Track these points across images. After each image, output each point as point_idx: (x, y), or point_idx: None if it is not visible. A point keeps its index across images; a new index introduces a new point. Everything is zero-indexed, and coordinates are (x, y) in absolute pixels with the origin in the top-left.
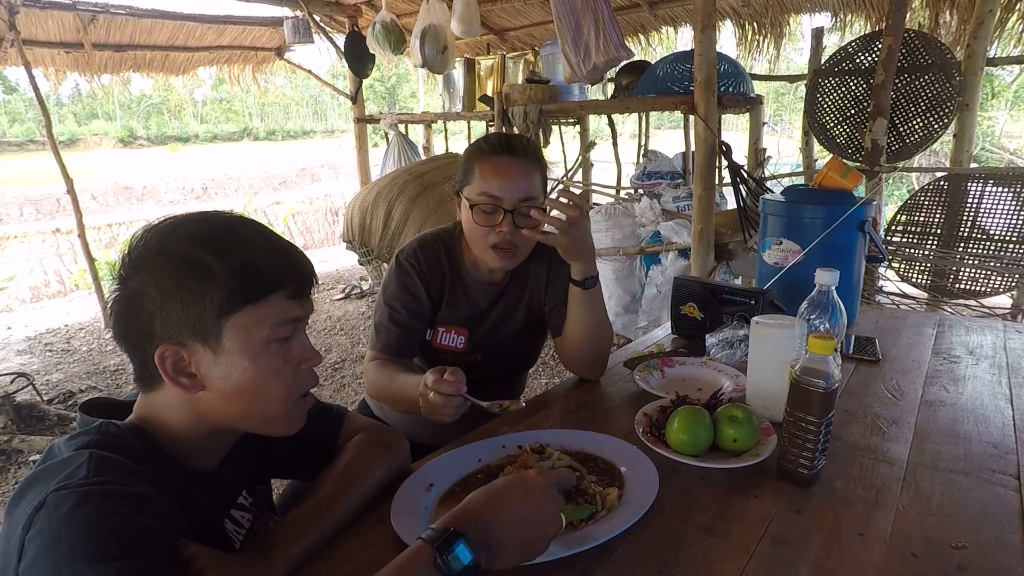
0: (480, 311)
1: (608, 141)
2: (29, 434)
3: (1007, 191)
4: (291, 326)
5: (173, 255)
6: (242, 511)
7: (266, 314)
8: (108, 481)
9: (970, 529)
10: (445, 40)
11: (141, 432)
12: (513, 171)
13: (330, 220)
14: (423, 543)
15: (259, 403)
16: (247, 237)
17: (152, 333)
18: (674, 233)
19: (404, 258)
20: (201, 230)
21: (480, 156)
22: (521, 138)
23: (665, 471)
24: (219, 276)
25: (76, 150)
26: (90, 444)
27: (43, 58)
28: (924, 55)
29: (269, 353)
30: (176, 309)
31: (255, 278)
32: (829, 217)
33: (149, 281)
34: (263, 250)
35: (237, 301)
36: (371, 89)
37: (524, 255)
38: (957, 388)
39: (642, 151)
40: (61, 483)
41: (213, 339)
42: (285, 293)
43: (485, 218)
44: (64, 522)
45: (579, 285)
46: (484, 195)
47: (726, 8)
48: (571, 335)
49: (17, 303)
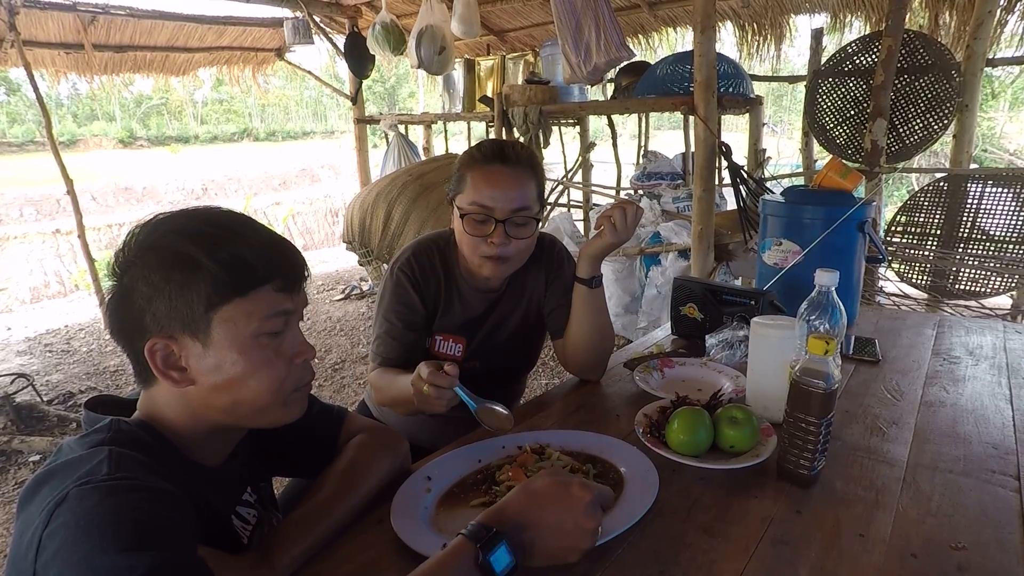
0: (477, 317)
1: (608, 142)
2: (29, 435)
3: (1007, 192)
4: (281, 319)
5: (161, 249)
6: (248, 507)
7: (255, 307)
8: (131, 476)
9: (970, 530)
10: (443, 41)
11: (149, 428)
12: (506, 181)
13: (330, 221)
14: (465, 541)
15: (248, 396)
16: (235, 229)
17: (143, 327)
18: (674, 234)
19: (398, 269)
20: (188, 224)
21: (472, 164)
22: (516, 145)
23: (665, 471)
24: (206, 268)
25: (76, 151)
26: (105, 441)
27: (43, 59)
28: (924, 56)
29: (259, 346)
30: (164, 303)
31: (242, 270)
32: (829, 218)
33: (139, 276)
34: (250, 242)
35: (225, 293)
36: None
37: (518, 264)
38: (957, 389)
39: (642, 152)
40: (83, 478)
41: (202, 332)
42: (274, 286)
43: (476, 228)
44: (91, 514)
45: (586, 284)
46: (475, 205)
47: (726, 9)
48: (574, 336)
49: (17, 304)
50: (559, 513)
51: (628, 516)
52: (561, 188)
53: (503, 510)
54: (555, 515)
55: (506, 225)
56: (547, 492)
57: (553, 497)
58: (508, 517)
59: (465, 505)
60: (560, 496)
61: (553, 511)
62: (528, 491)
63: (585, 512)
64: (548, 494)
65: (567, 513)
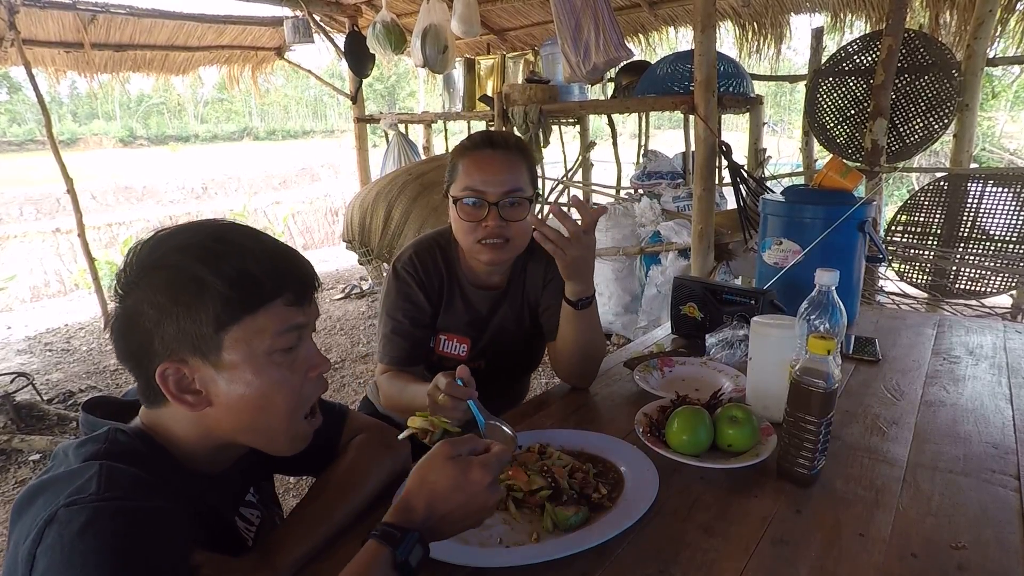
0: (481, 317)
1: (608, 141)
2: (29, 434)
3: (1007, 191)
4: (294, 334)
5: (165, 269)
6: (251, 508)
7: (266, 323)
8: (119, 496)
9: (970, 529)
10: (445, 40)
11: (148, 439)
12: (495, 164)
13: (330, 220)
14: (379, 545)
15: (266, 416)
16: (240, 244)
17: (152, 351)
18: (674, 233)
19: (401, 267)
20: (192, 240)
21: (463, 153)
22: (504, 133)
23: (665, 471)
24: (212, 287)
25: (76, 150)
26: (99, 453)
27: (43, 58)
28: (924, 55)
29: (273, 364)
30: (172, 325)
31: (250, 287)
32: (829, 217)
33: (143, 298)
34: (257, 256)
35: (233, 312)
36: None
37: (517, 249)
38: (957, 388)
39: (642, 151)
40: (71, 498)
41: (213, 353)
42: (284, 300)
43: (470, 213)
44: (75, 541)
45: (572, 305)
46: (468, 190)
47: (726, 8)
48: (561, 348)
49: (17, 303)
50: (462, 499)
51: (628, 516)
52: (561, 187)
53: (410, 508)
54: (459, 502)
55: (500, 208)
56: (448, 483)
57: (454, 488)
58: (417, 515)
59: None
60: (460, 485)
61: (456, 499)
62: (429, 485)
63: (486, 493)
64: (449, 485)
65: (471, 499)
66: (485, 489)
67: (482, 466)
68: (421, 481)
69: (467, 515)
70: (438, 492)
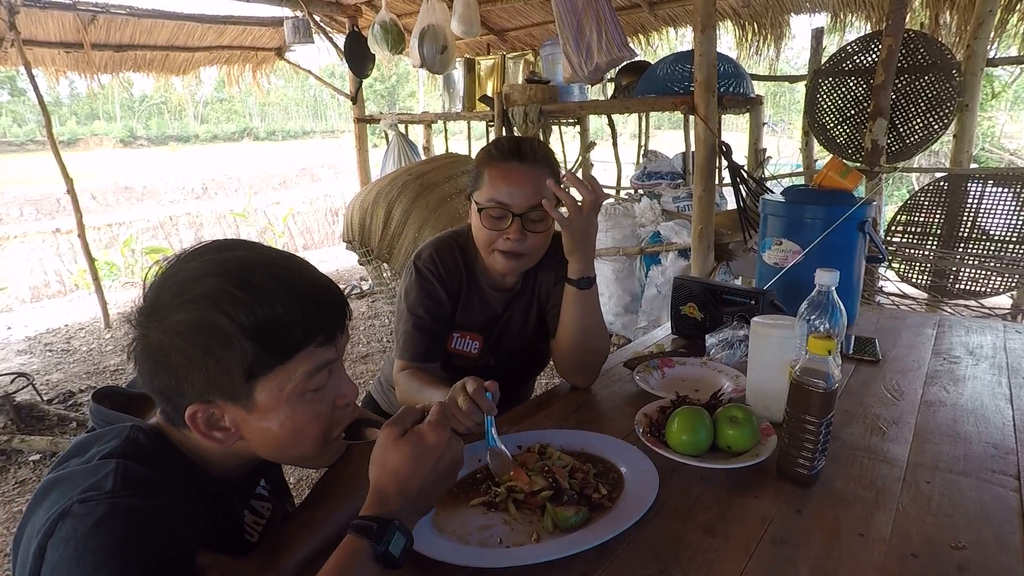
0: (495, 316)
1: (608, 141)
2: (29, 434)
3: (1007, 191)
4: (325, 371)
5: (192, 316)
6: (262, 501)
7: (298, 367)
8: (133, 494)
9: (970, 529)
10: (444, 40)
11: (165, 439)
12: (522, 178)
13: (330, 220)
14: (357, 539)
15: (297, 446)
16: (268, 289)
17: (181, 391)
18: (674, 233)
19: (423, 264)
20: (218, 288)
21: (490, 161)
22: (532, 142)
23: (665, 471)
24: (241, 342)
25: (76, 150)
26: (115, 452)
27: (43, 58)
28: (924, 55)
29: (305, 402)
30: (202, 375)
31: (280, 338)
32: (829, 217)
33: (170, 344)
34: (285, 303)
35: (265, 364)
36: (371, 89)
37: (531, 262)
38: (957, 388)
39: (642, 151)
40: (87, 493)
41: (244, 398)
42: (316, 343)
43: (493, 223)
44: (88, 536)
45: (574, 284)
46: (493, 201)
47: (726, 8)
48: (562, 336)
49: (17, 303)
50: (430, 467)
51: (628, 516)
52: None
53: (382, 498)
54: (428, 471)
55: (523, 220)
56: (409, 460)
57: (417, 460)
58: (391, 502)
59: (465, 505)
60: (421, 455)
61: (424, 469)
62: (391, 469)
63: (450, 448)
64: (411, 461)
65: (439, 461)
66: (447, 445)
67: (432, 427)
68: (382, 468)
69: (441, 477)
70: (403, 472)
